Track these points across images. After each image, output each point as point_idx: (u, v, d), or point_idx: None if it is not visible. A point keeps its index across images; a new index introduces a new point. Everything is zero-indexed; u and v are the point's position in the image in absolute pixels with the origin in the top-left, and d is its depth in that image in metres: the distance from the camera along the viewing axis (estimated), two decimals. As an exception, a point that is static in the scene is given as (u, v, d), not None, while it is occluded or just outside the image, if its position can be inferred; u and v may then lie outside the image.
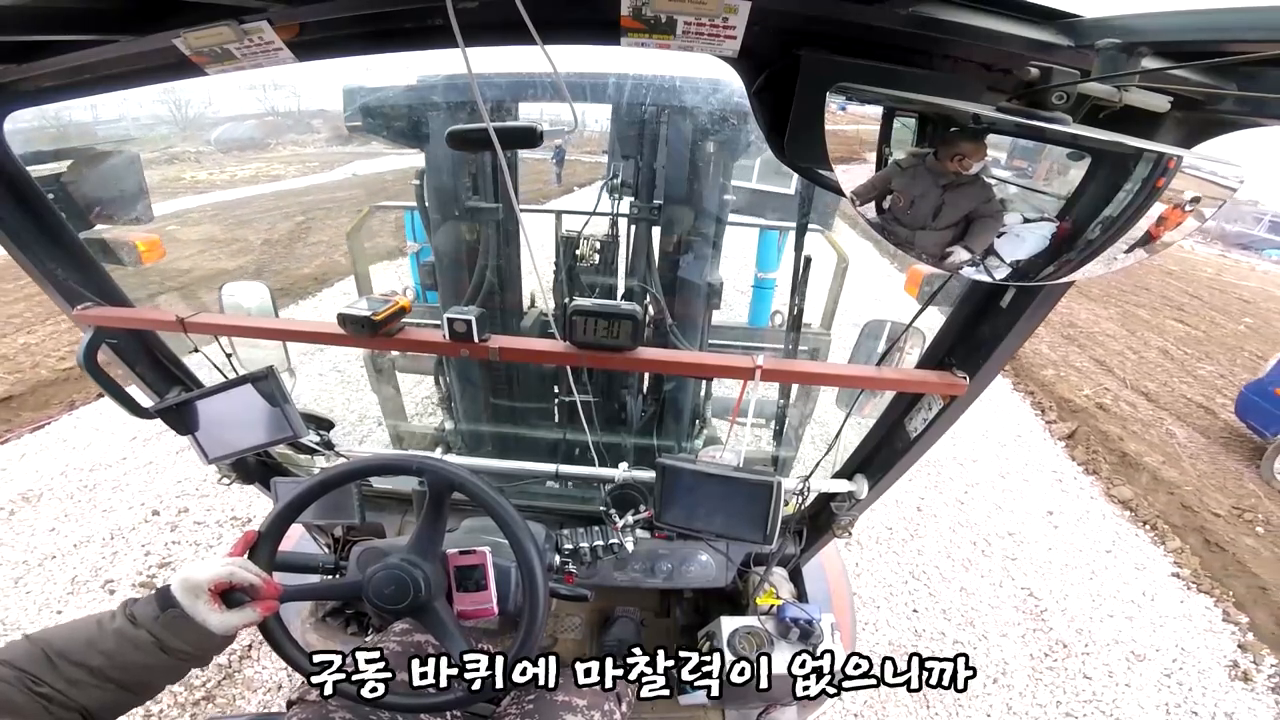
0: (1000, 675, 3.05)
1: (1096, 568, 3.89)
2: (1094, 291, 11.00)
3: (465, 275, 2.06)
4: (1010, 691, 2.97)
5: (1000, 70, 0.74)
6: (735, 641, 1.45)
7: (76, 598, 3.15)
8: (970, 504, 4.38)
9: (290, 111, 13.70)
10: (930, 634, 3.25)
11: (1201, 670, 3.21)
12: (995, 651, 3.19)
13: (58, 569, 3.32)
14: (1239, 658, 3.32)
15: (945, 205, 0.67)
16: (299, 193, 12.36)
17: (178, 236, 9.14)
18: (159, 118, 16.42)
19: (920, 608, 3.41)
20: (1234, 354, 8.72)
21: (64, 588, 3.20)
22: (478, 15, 0.76)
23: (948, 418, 1.20)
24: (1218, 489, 4.98)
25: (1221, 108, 0.67)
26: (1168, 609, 3.63)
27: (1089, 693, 3.02)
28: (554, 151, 5.21)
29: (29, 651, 0.83)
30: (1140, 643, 3.35)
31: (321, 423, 1.58)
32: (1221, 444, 5.81)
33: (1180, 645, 3.36)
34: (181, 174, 13.80)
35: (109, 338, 1.31)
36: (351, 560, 1.28)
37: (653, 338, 1.99)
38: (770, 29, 0.76)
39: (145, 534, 3.55)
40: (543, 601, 1.06)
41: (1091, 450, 5.32)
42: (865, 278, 6.40)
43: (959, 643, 3.22)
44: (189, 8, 0.79)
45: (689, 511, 1.30)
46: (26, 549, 3.45)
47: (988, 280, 0.71)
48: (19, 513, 3.72)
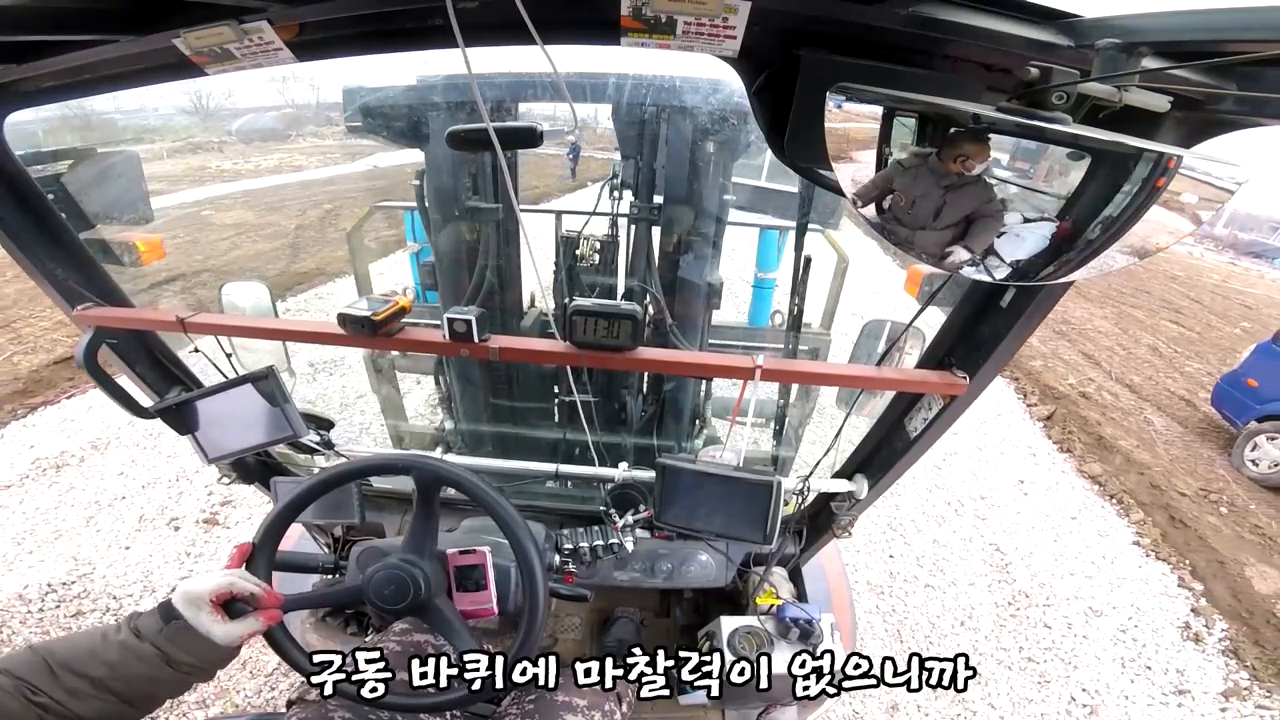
0: (967, 619, 3.33)
1: (1061, 532, 4.14)
2: (1092, 292, 11.08)
3: (465, 275, 2.06)
4: (976, 634, 3.24)
5: (1000, 70, 0.74)
6: (735, 641, 1.45)
7: (143, 534, 3.45)
8: (947, 470, 4.65)
9: (309, 104, 13.89)
10: (904, 576, 3.54)
11: (1155, 629, 3.43)
12: (963, 598, 3.46)
13: (126, 509, 3.62)
14: (1191, 620, 3.52)
15: (947, 205, 0.67)
16: (323, 183, 12.77)
17: (213, 221, 9.61)
18: (180, 108, 16.78)
19: (896, 554, 3.73)
20: (1225, 354, 8.79)
21: (132, 525, 3.51)
22: (478, 15, 0.76)
23: (948, 418, 1.20)
24: (1188, 472, 5.19)
25: (1221, 108, 0.67)
26: (1126, 572, 3.86)
27: (1049, 640, 3.25)
28: (569, 148, 5.31)
29: (30, 661, 0.83)
30: (1098, 600, 3.58)
31: (321, 422, 1.58)
32: (1198, 433, 6.00)
33: (1136, 605, 3.59)
34: (207, 163, 14.25)
35: (109, 338, 1.31)
36: (351, 560, 1.28)
37: (653, 338, 1.99)
38: (770, 29, 0.76)
39: (208, 476, 3.73)
40: (543, 601, 1.06)
41: (1067, 431, 5.54)
42: (869, 276, 6.48)
43: (930, 586, 3.52)
44: (189, 8, 0.79)
45: (689, 511, 1.30)
46: (97, 491, 3.75)
47: (988, 280, 0.71)
48: (88, 460, 4.03)
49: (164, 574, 3.22)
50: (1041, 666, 3.11)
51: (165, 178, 12.23)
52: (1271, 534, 4.41)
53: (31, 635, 2.82)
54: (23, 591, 3.02)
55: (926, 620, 3.33)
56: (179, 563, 3.30)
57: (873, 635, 3.12)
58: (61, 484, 3.83)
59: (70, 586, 3.08)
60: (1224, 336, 10.06)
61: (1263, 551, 4.22)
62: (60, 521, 3.52)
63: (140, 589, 3.12)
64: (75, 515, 3.56)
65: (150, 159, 13.40)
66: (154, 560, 3.29)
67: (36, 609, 2.95)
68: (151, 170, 12.51)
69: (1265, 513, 4.68)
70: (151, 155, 13.55)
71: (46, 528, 3.47)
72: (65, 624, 2.91)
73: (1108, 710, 2.93)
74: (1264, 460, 5.10)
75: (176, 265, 7.41)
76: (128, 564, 3.26)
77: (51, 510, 3.61)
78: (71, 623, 2.92)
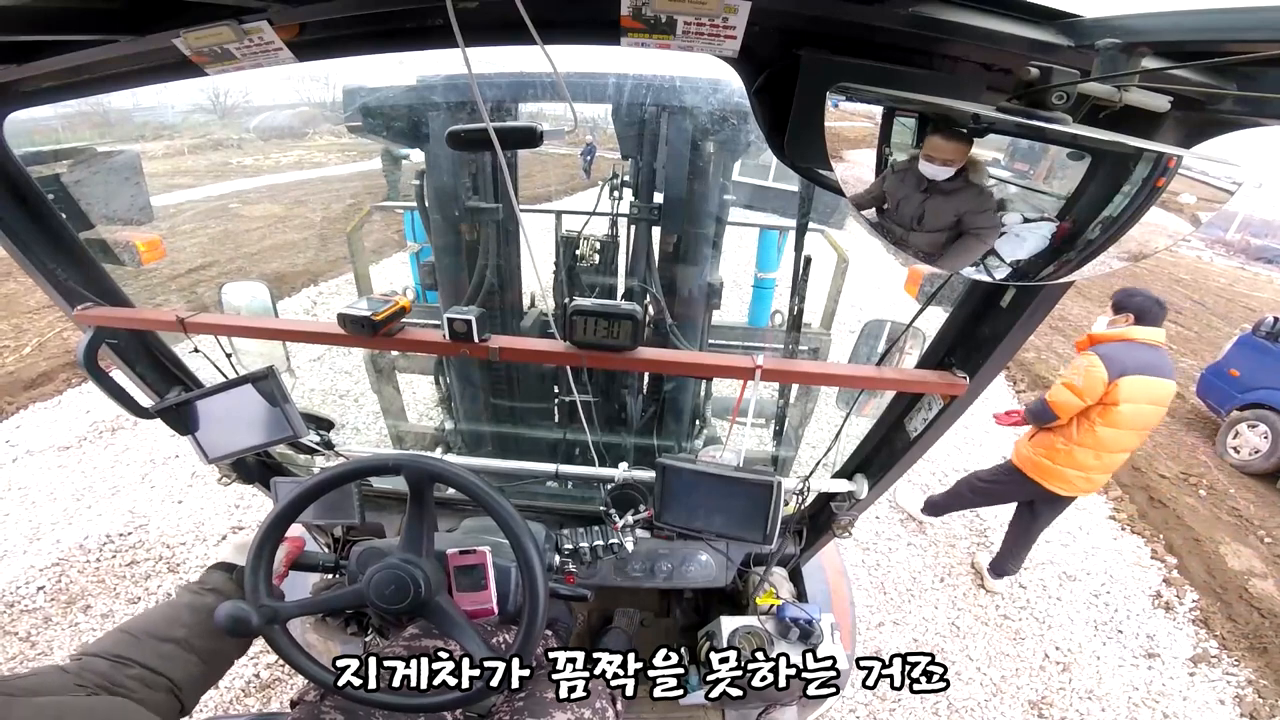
0: (946, 576, 3.56)
1: None
2: (1092, 291, 11.08)
3: (465, 275, 2.06)
4: (955, 591, 3.46)
5: (1000, 70, 0.74)
6: (735, 641, 1.45)
7: (195, 490, 3.69)
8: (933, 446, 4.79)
9: (326, 102, 13.94)
10: (888, 535, 3.81)
11: (1127, 596, 3.60)
12: (943, 557, 3.69)
13: (179, 466, 3.86)
14: (1163, 590, 3.69)
15: (926, 212, 0.67)
16: (344, 178, 13.10)
17: (242, 214, 9.95)
18: (198, 106, 16.97)
19: (881, 515, 3.95)
20: (1220, 352, 8.82)
21: (184, 481, 3.75)
22: (478, 15, 0.76)
23: (948, 418, 1.20)
24: (1170, 458, 5.36)
25: (1221, 108, 0.67)
26: (1100, 543, 4.04)
27: (1024, 599, 3.45)
28: (585, 148, 5.33)
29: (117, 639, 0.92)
30: (1072, 566, 3.76)
31: (321, 422, 1.58)
32: (1184, 423, 6.14)
33: (1109, 573, 3.76)
34: (228, 159, 14.53)
35: (109, 337, 1.31)
36: (351, 560, 1.27)
37: (653, 338, 1.99)
38: (770, 29, 0.76)
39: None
40: (543, 601, 1.06)
41: None
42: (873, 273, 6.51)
43: (912, 545, 3.76)
44: (189, 8, 0.79)
45: (689, 511, 1.30)
46: (150, 451, 4.02)
47: (988, 280, 0.71)
48: (142, 423, 4.26)
49: (214, 524, 3.42)
50: (1017, 624, 3.27)
51: (190, 172, 12.41)
52: (1249, 516, 4.53)
53: (89, 583, 3.01)
54: (83, 542, 3.25)
55: (908, 575, 3.51)
56: (229, 514, 3.51)
57: (858, 587, 3.31)
58: (117, 445, 4.10)
59: (126, 538, 3.31)
60: (1222, 336, 10.05)
61: (1238, 532, 4.34)
62: (117, 479, 3.78)
63: (193, 538, 3.32)
64: (131, 473, 3.82)
65: (172, 154, 13.58)
66: (205, 513, 3.51)
67: (95, 558, 3.16)
68: (174, 165, 12.70)
69: (1244, 496, 4.80)
70: (173, 151, 13.72)
71: (104, 485, 3.72)
72: (121, 572, 3.09)
73: (1080, 668, 3.06)
74: (1245, 447, 5.21)
75: (213, 253, 7.72)
76: (180, 516, 3.49)
77: (108, 469, 3.87)
78: (127, 570, 3.10)
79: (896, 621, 3.19)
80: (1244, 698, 2.99)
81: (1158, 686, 3.00)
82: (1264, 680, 3.09)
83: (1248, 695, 3.00)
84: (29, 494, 3.60)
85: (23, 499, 3.56)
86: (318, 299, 6.80)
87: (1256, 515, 4.53)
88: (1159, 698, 2.94)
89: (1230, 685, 3.06)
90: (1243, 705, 2.95)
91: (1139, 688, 2.98)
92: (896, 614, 3.24)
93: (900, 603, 3.32)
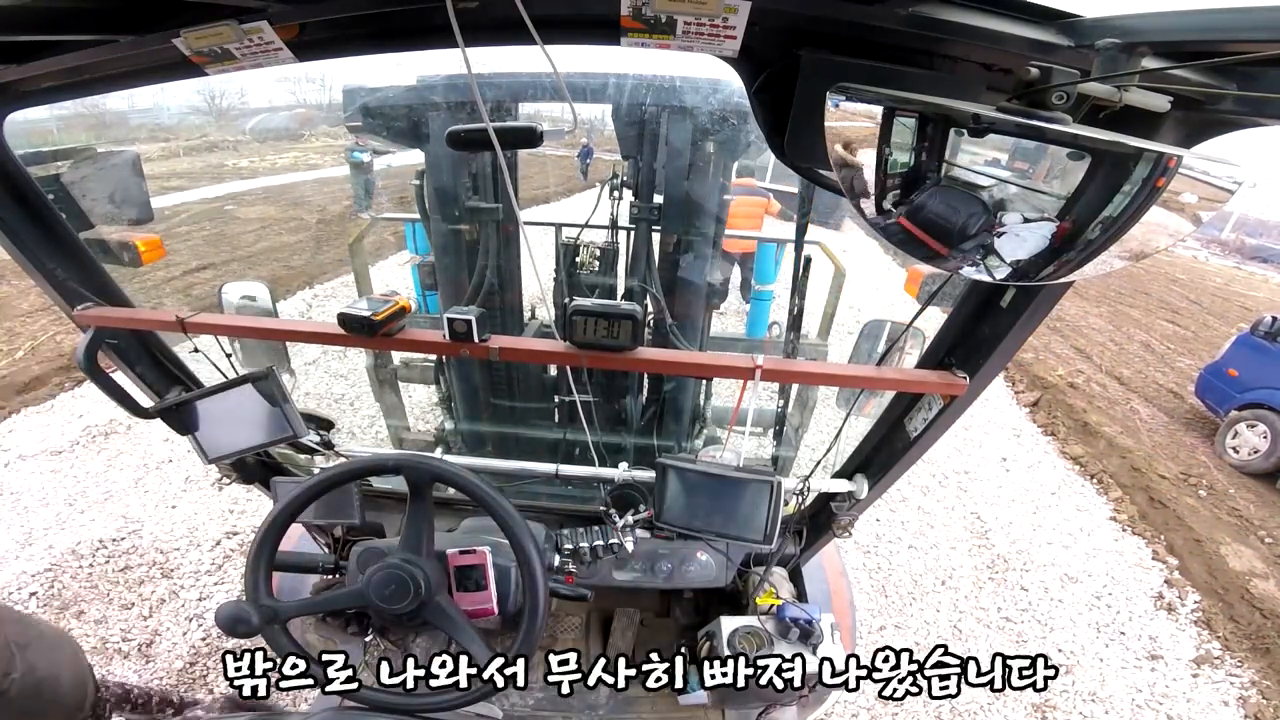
0: (949, 578, 3.51)
1: (1040, 505, 4.31)
2: (1090, 291, 11.12)
3: (465, 276, 2.06)
4: (957, 593, 3.41)
5: (1000, 70, 0.74)
6: (735, 641, 1.45)
7: (189, 494, 3.64)
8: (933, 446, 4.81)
9: (322, 104, 13.93)
10: (889, 538, 3.74)
11: (1129, 598, 3.57)
12: (945, 559, 3.63)
13: (173, 471, 3.81)
14: (1165, 591, 3.66)
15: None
16: (340, 180, 13.03)
17: (238, 215, 9.89)
18: (194, 107, 16.91)
19: (882, 518, 3.90)
20: (1217, 352, 8.86)
21: (178, 486, 3.69)
22: (478, 15, 0.76)
23: (948, 418, 1.20)
24: (1170, 458, 5.33)
25: (1221, 108, 0.67)
26: (1102, 544, 4.00)
27: (1025, 602, 3.42)
28: (581, 150, 5.33)
29: None
30: (1074, 568, 3.72)
31: (321, 422, 1.58)
32: (1183, 423, 6.12)
33: (1111, 575, 3.73)
34: (224, 160, 14.41)
35: (109, 338, 1.31)
36: (351, 560, 1.27)
37: (653, 338, 1.99)
38: (770, 29, 0.76)
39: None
40: (543, 601, 1.06)
41: (1053, 415, 5.69)
42: (871, 275, 6.52)
43: (913, 548, 3.70)
44: (189, 8, 0.79)
45: (689, 511, 1.30)
46: (144, 456, 3.94)
47: (988, 280, 0.71)
48: (136, 427, 4.14)
49: (208, 530, 3.38)
50: (1019, 626, 3.24)
51: (185, 174, 12.38)
52: (1249, 516, 4.52)
53: (82, 588, 2.96)
54: (75, 547, 3.18)
55: (909, 578, 3.47)
56: (223, 519, 3.45)
57: (859, 589, 3.28)
58: (110, 450, 4.01)
59: (119, 543, 3.24)
60: (1219, 336, 10.05)
61: (1239, 532, 4.32)
62: (110, 484, 3.70)
63: (186, 543, 3.29)
64: (124, 478, 3.75)
65: (168, 156, 13.50)
66: (199, 517, 3.47)
67: (88, 564, 3.10)
68: (170, 167, 12.63)
69: (1244, 497, 4.78)
70: (168, 153, 13.66)
71: (97, 489, 3.65)
72: (114, 577, 3.05)
73: (1083, 670, 3.04)
74: (1244, 447, 5.22)
75: (208, 256, 7.67)
76: (174, 521, 3.44)
77: (101, 474, 3.79)
78: (121, 576, 3.06)
79: (898, 625, 3.18)
80: (1247, 699, 2.98)
81: (1161, 688, 2.99)
82: (1267, 681, 3.08)
83: (1251, 696, 2.99)
84: (21, 499, 3.54)
85: (15, 504, 3.51)
86: (313, 302, 6.76)
87: (1257, 515, 4.53)
88: (1162, 699, 2.93)
89: (1233, 686, 3.05)
90: (1246, 706, 2.94)
91: (1142, 690, 2.98)
92: (898, 617, 3.23)
93: (902, 605, 3.31)
